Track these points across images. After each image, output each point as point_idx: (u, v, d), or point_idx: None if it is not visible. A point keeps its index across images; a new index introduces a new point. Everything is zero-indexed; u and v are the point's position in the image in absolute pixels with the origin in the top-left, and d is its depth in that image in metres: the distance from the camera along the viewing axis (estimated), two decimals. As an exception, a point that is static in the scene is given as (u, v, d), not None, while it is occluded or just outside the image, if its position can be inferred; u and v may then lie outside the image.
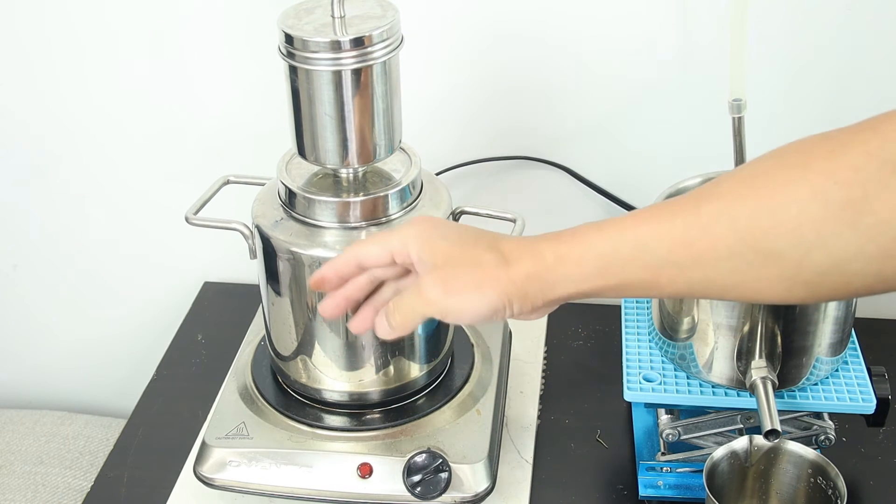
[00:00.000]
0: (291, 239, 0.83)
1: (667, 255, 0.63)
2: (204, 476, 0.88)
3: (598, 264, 0.65)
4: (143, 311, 1.29)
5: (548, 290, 0.67)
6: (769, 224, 0.59)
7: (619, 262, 0.65)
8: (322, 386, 0.90)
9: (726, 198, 0.61)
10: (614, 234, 0.65)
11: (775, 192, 0.59)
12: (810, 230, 0.58)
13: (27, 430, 1.21)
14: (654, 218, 0.64)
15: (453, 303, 0.68)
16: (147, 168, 1.19)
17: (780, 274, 0.60)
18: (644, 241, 0.64)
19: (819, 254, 0.58)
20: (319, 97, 0.78)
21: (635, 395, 0.88)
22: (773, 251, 0.59)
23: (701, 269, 0.62)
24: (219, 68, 1.11)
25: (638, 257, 0.64)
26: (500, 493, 0.90)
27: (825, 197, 0.57)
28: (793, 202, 0.58)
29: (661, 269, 0.63)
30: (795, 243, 0.58)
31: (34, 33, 1.12)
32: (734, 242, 0.60)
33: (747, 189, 0.61)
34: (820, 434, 0.90)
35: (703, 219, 0.62)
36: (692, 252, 0.62)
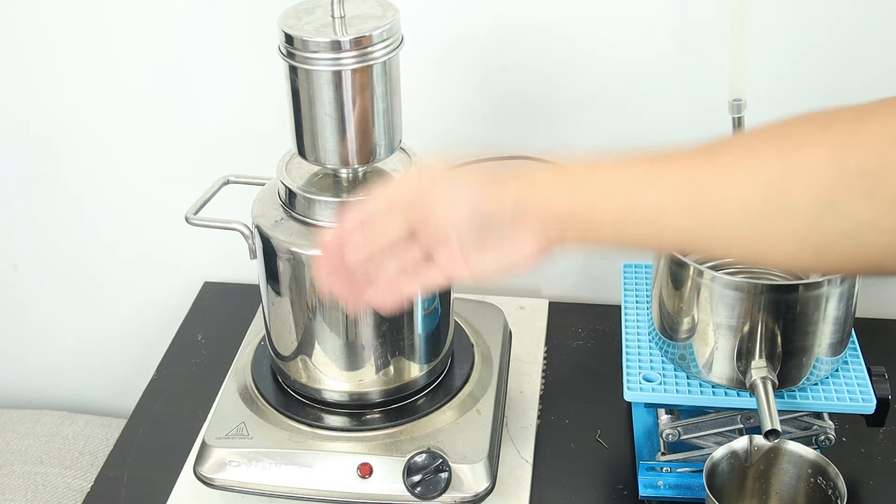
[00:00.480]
0: (291, 239, 0.83)
1: (679, 191, 0.61)
2: (204, 476, 0.88)
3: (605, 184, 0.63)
4: (143, 311, 1.29)
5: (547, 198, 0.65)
6: (785, 178, 0.58)
7: (627, 186, 0.62)
8: (322, 386, 0.90)
9: (744, 148, 0.60)
10: (628, 162, 0.63)
11: (795, 149, 0.58)
12: (825, 192, 0.56)
13: (27, 430, 1.21)
14: (672, 155, 0.62)
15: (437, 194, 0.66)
16: (147, 168, 1.19)
17: (789, 232, 0.58)
18: (658, 171, 0.62)
19: (832, 217, 0.57)
20: (319, 97, 0.78)
21: (635, 395, 0.88)
22: (786, 206, 0.58)
23: (710, 214, 0.60)
24: (219, 68, 1.11)
25: (648, 186, 0.62)
26: (500, 493, 0.90)
27: (843, 161, 0.56)
28: (811, 161, 0.57)
29: (670, 205, 0.61)
30: (809, 202, 0.57)
31: (34, 33, 1.12)
32: (748, 190, 0.59)
33: (766, 143, 0.60)
34: (820, 434, 0.90)
35: (719, 164, 0.60)
36: (704, 194, 0.60)
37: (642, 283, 1.01)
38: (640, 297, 0.99)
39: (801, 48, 1.02)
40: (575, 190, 0.64)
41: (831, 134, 0.57)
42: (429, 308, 0.88)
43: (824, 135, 0.58)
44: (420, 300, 0.87)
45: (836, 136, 0.57)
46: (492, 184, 0.66)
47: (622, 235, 0.64)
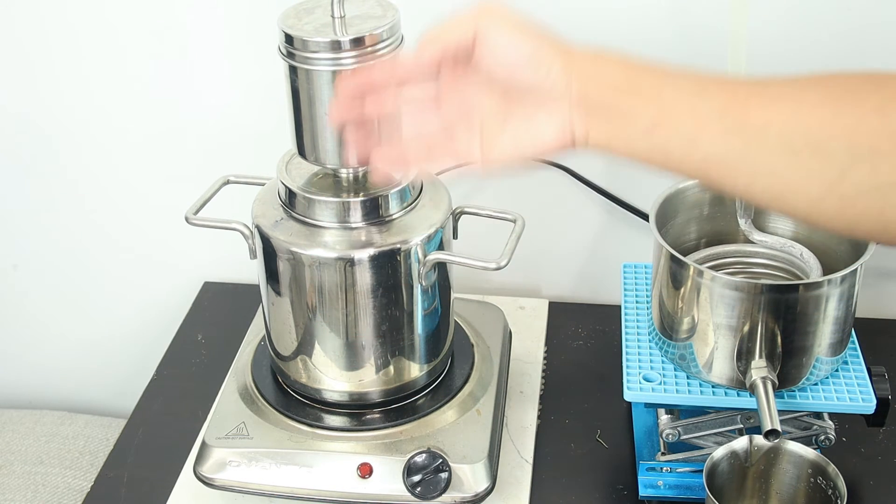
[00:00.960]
0: (291, 239, 0.83)
1: (720, 108, 0.60)
2: (204, 476, 0.88)
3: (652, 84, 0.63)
4: (143, 311, 1.29)
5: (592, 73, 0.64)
6: (829, 120, 0.58)
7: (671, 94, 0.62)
8: (322, 386, 0.90)
9: (797, 85, 0.60)
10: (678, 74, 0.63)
11: (843, 95, 0.58)
12: (865, 141, 0.57)
13: (27, 430, 1.21)
14: (722, 77, 0.63)
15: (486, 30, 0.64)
16: (147, 168, 1.19)
17: (820, 174, 0.58)
18: (704, 86, 0.62)
19: (864, 169, 0.57)
20: (319, 97, 0.78)
21: (635, 395, 0.88)
22: (823, 147, 0.58)
23: (746, 139, 0.60)
24: (219, 68, 1.11)
25: (691, 98, 0.62)
26: (500, 493, 0.90)
27: (888, 115, 0.56)
28: (856, 109, 0.57)
29: (709, 121, 0.61)
30: (846, 149, 0.57)
31: (34, 33, 1.12)
32: (790, 124, 0.59)
33: (820, 86, 0.60)
34: (820, 434, 0.90)
35: (766, 95, 0.60)
36: (745, 118, 0.60)
37: (642, 283, 1.01)
38: (640, 297, 0.99)
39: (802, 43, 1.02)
40: (621, 81, 0.63)
41: (882, 90, 0.58)
42: (429, 308, 0.88)
43: (875, 90, 0.58)
44: (420, 300, 0.87)
45: (886, 93, 0.57)
46: (546, 44, 0.64)
47: (651, 143, 0.63)
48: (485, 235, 0.92)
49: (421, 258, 0.84)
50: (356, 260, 0.82)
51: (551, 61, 0.64)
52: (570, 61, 0.64)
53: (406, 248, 0.83)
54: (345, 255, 0.82)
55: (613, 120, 0.63)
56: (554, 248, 1.18)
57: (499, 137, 0.67)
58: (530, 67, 0.64)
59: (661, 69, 0.64)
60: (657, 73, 0.64)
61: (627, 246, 1.15)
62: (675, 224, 0.95)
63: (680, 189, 0.94)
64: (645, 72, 0.64)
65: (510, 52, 0.64)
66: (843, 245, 0.90)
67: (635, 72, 0.64)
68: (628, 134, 0.63)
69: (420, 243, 0.84)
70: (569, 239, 1.18)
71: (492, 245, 0.87)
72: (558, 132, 0.65)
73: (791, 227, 0.95)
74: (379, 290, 0.84)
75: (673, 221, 0.95)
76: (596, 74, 0.64)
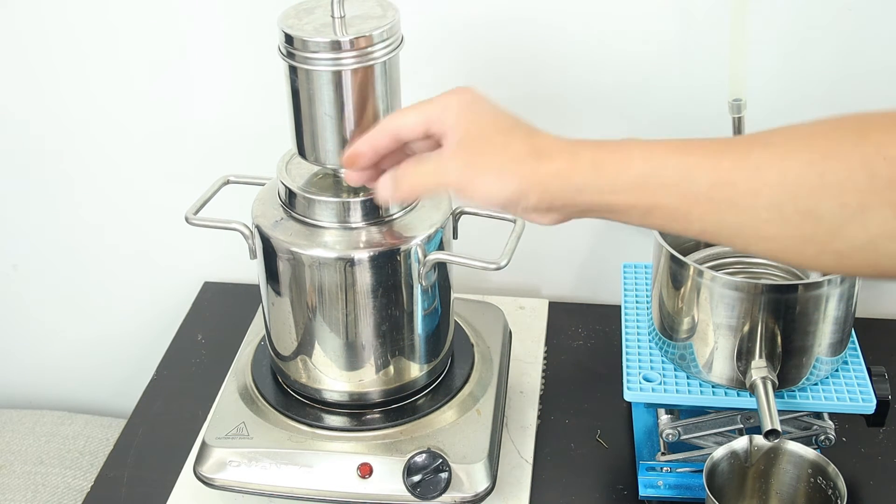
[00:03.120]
0: (291, 239, 0.83)
1: (707, 189, 0.61)
2: (204, 476, 0.88)
3: (635, 181, 0.63)
4: (143, 311, 1.29)
5: (573, 194, 0.65)
6: (816, 184, 0.58)
7: (656, 183, 0.62)
8: (322, 386, 0.90)
9: (779, 148, 0.60)
10: (659, 155, 0.63)
11: (829, 154, 0.58)
12: (853, 199, 0.57)
13: (27, 430, 1.21)
14: (702, 150, 0.62)
15: (470, 179, 0.66)
16: (147, 168, 1.19)
17: (813, 237, 0.59)
18: (688, 169, 0.62)
19: (856, 226, 0.57)
20: (319, 97, 0.78)
21: (635, 395, 0.88)
22: (813, 212, 0.58)
23: (737, 212, 0.61)
24: (219, 68, 1.11)
25: (678, 184, 0.62)
26: (500, 493, 0.90)
27: (873, 170, 0.56)
28: (843, 168, 0.57)
29: (698, 202, 0.62)
30: (836, 209, 0.58)
31: (34, 33, 1.12)
32: (778, 193, 0.59)
33: (802, 145, 0.60)
34: (820, 434, 0.90)
35: (752, 162, 0.60)
36: (734, 193, 0.60)
37: (642, 283, 1.01)
38: (640, 297, 0.99)
39: (801, 48, 1.02)
40: (604, 183, 0.64)
41: (864, 143, 0.57)
42: (429, 308, 0.88)
43: (857, 143, 0.58)
44: (420, 300, 0.87)
45: (869, 145, 0.57)
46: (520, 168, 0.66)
47: (647, 222, 0.65)
48: (485, 235, 0.92)
49: (421, 258, 0.84)
50: (356, 260, 0.82)
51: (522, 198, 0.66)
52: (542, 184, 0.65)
53: (406, 248, 0.83)
54: (345, 255, 0.82)
55: (606, 214, 0.65)
56: (554, 248, 1.18)
57: None
58: (503, 211, 0.69)
59: (642, 150, 0.64)
60: (635, 162, 0.63)
61: (627, 246, 1.15)
62: (675, 224, 0.95)
63: (680, 189, 0.94)
64: (624, 162, 0.64)
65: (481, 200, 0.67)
66: (843, 245, 0.90)
67: (615, 165, 0.64)
68: (625, 219, 0.65)
69: (420, 243, 0.84)
70: (569, 239, 1.18)
71: (492, 245, 0.87)
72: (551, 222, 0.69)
73: (791, 227, 0.95)
74: (379, 290, 0.84)
75: (673, 221, 0.94)
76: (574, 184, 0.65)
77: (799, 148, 0.60)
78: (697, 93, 1.04)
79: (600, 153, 0.64)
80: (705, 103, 1.01)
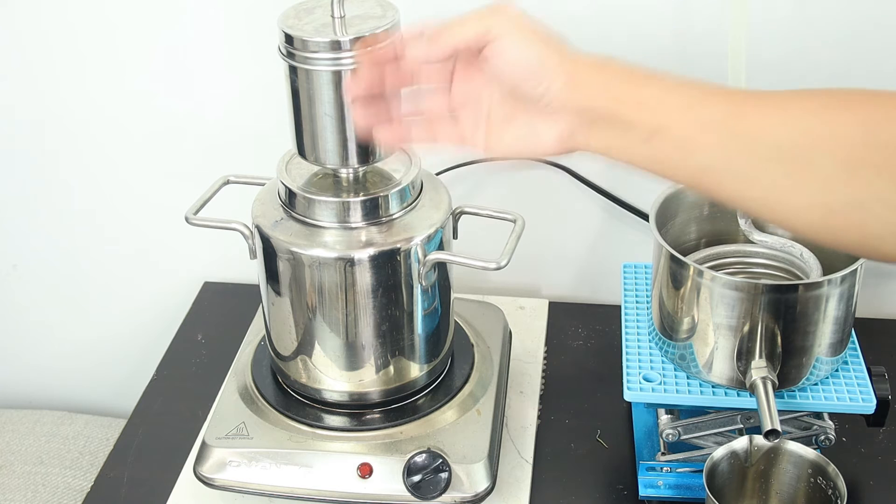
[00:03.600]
0: (291, 239, 0.83)
1: (720, 117, 0.63)
2: (204, 476, 0.88)
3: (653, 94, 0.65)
4: (143, 311, 1.29)
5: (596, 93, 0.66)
6: (815, 132, 0.60)
7: (672, 103, 0.64)
8: (322, 386, 0.90)
9: (790, 95, 0.63)
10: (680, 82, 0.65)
11: (831, 108, 0.60)
12: (845, 153, 0.59)
13: (27, 430, 1.21)
14: (716, 90, 0.65)
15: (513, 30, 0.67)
16: (147, 168, 1.19)
17: (805, 185, 0.61)
18: (704, 96, 0.64)
19: (845, 181, 0.59)
20: (319, 97, 0.78)
21: (635, 395, 0.88)
22: (808, 159, 0.60)
23: (739, 150, 0.62)
24: (219, 68, 1.11)
25: (692, 107, 0.64)
26: (500, 493, 0.90)
27: (870, 129, 0.59)
28: (841, 122, 0.60)
29: (706, 129, 0.63)
30: (829, 160, 0.59)
31: (34, 33, 1.12)
32: (780, 136, 0.61)
33: (812, 98, 0.62)
34: (820, 434, 0.90)
35: (760, 106, 0.62)
36: (739, 130, 0.62)
37: (642, 283, 1.01)
38: (640, 297, 0.99)
39: (801, 44, 1.02)
40: (622, 92, 0.66)
41: (868, 105, 0.60)
42: (429, 308, 0.88)
43: (861, 105, 0.60)
44: (420, 300, 0.87)
45: (871, 108, 0.59)
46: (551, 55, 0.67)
47: (649, 150, 0.65)
48: (485, 235, 0.92)
49: (421, 258, 0.84)
50: (356, 260, 0.82)
51: (553, 76, 0.66)
52: (573, 73, 0.67)
53: (406, 248, 0.83)
54: (345, 255, 0.82)
55: (613, 129, 0.66)
56: (554, 248, 1.18)
57: (503, 132, 0.70)
58: (533, 80, 0.67)
59: (664, 79, 0.66)
60: (659, 83, 0.66)
61: (627, 246, 1.15)
62: (675, 224, 0.95)
63: (680, 189, 0.94)
64: (647, 81, 0.66)
65: (515, 61, 0.67)
66: (843, 245, 0.90)
67: (637, 82, 0.66)
68: (627, 142, 0.66)
69: (420, 243, 0.84)
70: (569, 239, 1.18)
71: (492, 245, 0.87)
72: (558, 139, 0.69)
73: (791, 227, 0.95)
74: (379, 290, 0.84)
75: (673, 221, 0.95)
76: (598, 86, 0.66)
77: (808, 97, 0.62)
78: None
79: (628, 68, 0.67)
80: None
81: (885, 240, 0.60)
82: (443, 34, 0.68)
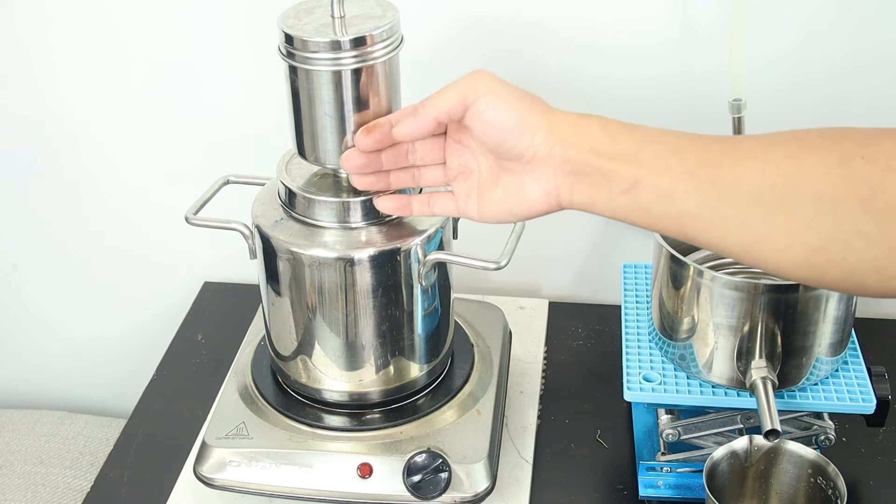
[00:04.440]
0: (291, 239, 0.83)
1: (694, 167, 0.65)
2: (204, 476, 0.88)
3: (630, 148, 0.67)
4: (143, 311, 1.29)
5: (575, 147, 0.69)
6: (795, 174, 0.61)
7: (649, 154, 0.66)
8: (322, 386, 0.90)
9: (766, 142, 0.64)
10: (657, 132, 0.68)
11: (810, 149, 0.62)
12: (826, 192, 0.60)
13: (27, 430, 1.21)
14: (696, 136, 0.67)
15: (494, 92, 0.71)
16: (147, 168, 1.19)
17: (786, 226, 0.62)
18: (679, 147, 0.66)
19: (827, 219, 0.60)
20: (319, 97, 0.78)
21: (635, 395, 0.88)
22: (788, 201, 0.61)
23: (717, 198, 0.64)
24: (219, 68, 1.11)
25: (667, 158, 0.66)
26: (500, 493, 0.90)
27: (849, 167, 0.60)
28: (820, 162, 0.61)
29: (682, 178, 0.65)
30: (809, 201, 0.61)
31: (35, 33, 1.12)
32: (758, 179, 0.62)
33: (788, 142, 0.63)
34: (820, 434, 0.90)
35: (740, 148, 0.64)
36: (718, 174, 0.64)
37: (642, 283, 1.01)
38: (640, 297, 0.99)
39: (802, 48, 1.02)
40: (601, 144, 0.68)
41: (844, 143, 0.61)
42: (429, 308, 0.88)
43: (838, 143, 0.61)
44: (420, 300, 0.87)
45: (848, 145, 0.61)
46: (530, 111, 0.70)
47: (630, 201, 0.68)
48: (485, 235, 0.92)
49: (421, 258, 0.84)
50: (356, 260, 0.82)
51: (535, 129, 0.70)
52: (553, 127, 0.70)
53: (406, 248, 0.83)
54: (345, 255, 0.82)
55: (595, 182, 0.69)
56: (554, 248, 1.18)
57: (492, 197, 0.74)
58: (516, 135, 0.70)
59: (640, 131, 0.69)
60: (636, 135, 0.68)
61: (627, 246, 1.15)
62: (675, 224, 0.95)
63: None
64: (624, 134, 0.69)
65: (495, 120, 0.71)
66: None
67: (615, 134, 0.69)
68: (609, 193, 0.69)
69: (420, 243, 0.84)
70: (569, 239, 1.18)
71: (492, 245, 0.87)
72: (544, 195, 0.72)
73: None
74: (379, 290, 0.84)
75: (673, 221, 0.95)
76: (577, 138, 0.69)
77: (784, 141, 0.64)
78: (697, 93, 1.04)
79: (609, 120, 0.70)
80: (705, 104, 1.01)
81: (868, 275, 0.61)
82: (425, 105, 0.72)
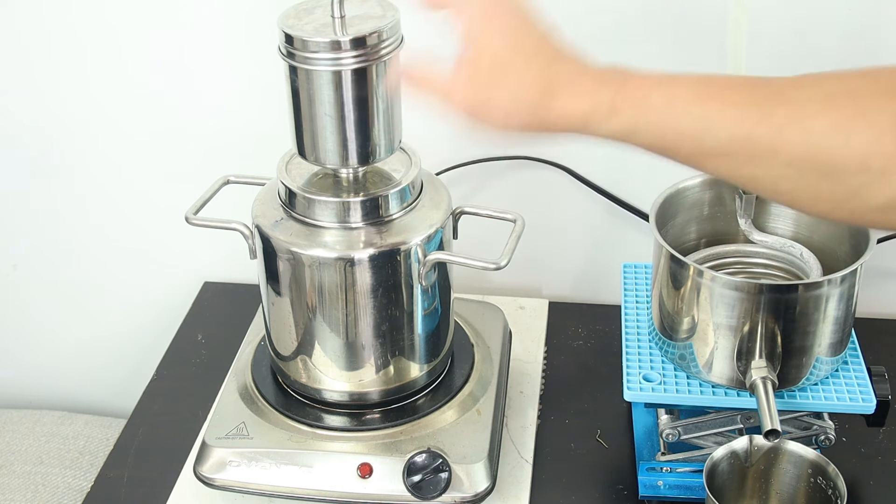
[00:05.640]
0: (291, 239, 0.83)
1: (727, 143, 0.59)
2: (204, 476, 0.88)
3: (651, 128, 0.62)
4: (143, 310, 1.29)
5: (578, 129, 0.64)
6: (841, 146, 0.56)
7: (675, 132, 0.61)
8: (322, 386, 0.90)
9: (805, 107, 0.58)
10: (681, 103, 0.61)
11: (856, 115, 0.56)
12: (878, 162, 0.55)
13: (27, 430, 1.21)
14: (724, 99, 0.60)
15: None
16: (147, 168, 1.19)
17: (830, 194, 0.58)
18: (709, 122, 0.60)
19: (877, 188, 0.56)
20: (319, 97, 0.78)
21: (635, 395, 0.88)
22: (834, 172, 0.57)
23: (753, 166, 0.59)
24: (219, 68, 1.11)
25: (696, 136, 0.61)
26: (500, 493, 0.90)
27: None
28: (870, 129, 0.56)
29: (713, 154, 0.60)
30: (858, 171, 0.56)
31: (35, 33, 1.12)
32: (799, 153, 0.57)
33: (829, 104, 0.58)
34: (820, 434, 0.90)
35: (775, 121, 0.58)
36: (752, 148, 0.59)
37: (642, 283, 1.01)
38: (640, 297, 0.99)
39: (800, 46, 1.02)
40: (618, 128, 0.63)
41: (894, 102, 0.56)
42: (429, 308, 0.88)
43: (889, 103, 0.56)
44: (420, 300, 0.87)
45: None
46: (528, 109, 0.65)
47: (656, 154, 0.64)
48: (485, 235, 0.92)
49: (421, 258, 0.84)
50: (356, 260, 0.82)
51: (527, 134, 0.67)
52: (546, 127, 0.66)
53: (406, 248, 0.83)
54: (345, 255, 0.82)
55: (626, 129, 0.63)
56: (554, 248, 1.18)
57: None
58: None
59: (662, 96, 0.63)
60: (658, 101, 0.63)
61: (627, 246, 1.15)
62: (675, 224, 0.95)
63: (680, 189, 0.94)
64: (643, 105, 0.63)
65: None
66: (843, 245, 0.91)
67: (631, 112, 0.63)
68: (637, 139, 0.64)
69: (420, 243, 0.84)
70: (569, 239, 1.18)
71: (492, 245, 0.87)
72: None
73: (791, 227, 0.95)
74: (379, 290, 0.84)
75: (673, 221, 0.95)
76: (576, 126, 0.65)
77: (826, 108, 0.58)
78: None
79: (619, 95, 0.63)
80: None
81: None
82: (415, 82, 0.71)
